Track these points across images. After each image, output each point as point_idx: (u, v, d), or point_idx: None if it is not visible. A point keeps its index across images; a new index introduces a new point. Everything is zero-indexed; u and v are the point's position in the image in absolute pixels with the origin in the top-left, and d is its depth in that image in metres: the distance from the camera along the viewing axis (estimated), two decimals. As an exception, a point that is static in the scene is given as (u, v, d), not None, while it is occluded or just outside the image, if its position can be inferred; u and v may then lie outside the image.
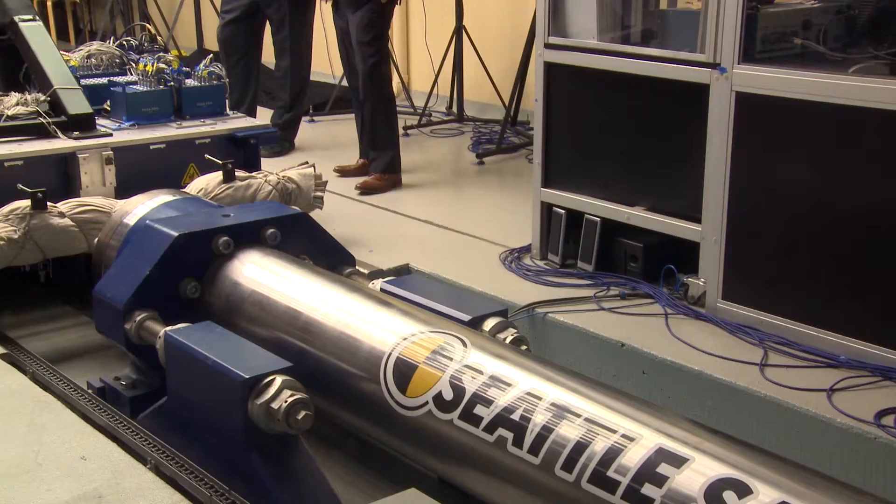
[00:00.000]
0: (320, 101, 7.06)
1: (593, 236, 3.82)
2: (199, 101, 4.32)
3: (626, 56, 3.61)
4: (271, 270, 2.70)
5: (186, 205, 3.17)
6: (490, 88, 6.57)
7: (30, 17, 4.15)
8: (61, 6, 10.49)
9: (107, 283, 2.79)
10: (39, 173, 3.71)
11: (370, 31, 5.00)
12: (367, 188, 5.14)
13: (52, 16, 10.05)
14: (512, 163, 5.80)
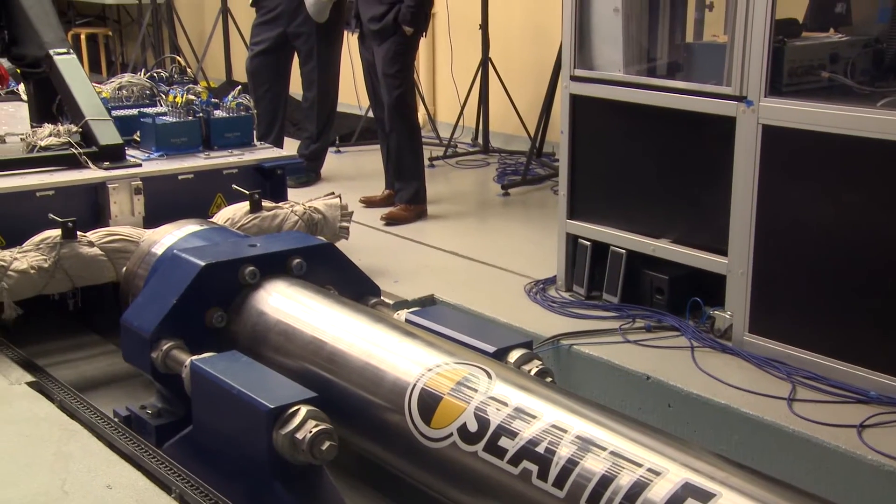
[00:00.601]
0: (346, 132, 7.11)
1: (619, 268, 3.80)
2: (227, 131, 4.37)
3: (651, 88, 3.61)
4: (297, 300, 2.71)
5: (213, 234, 3.20)
6: (515, 120, 6.60)
7: (64, 51, 4.22)
8: (94, 39, 10.66)
9: (134, 311, 2.81)
10: (70, 203, 3.76)
11: (395, 63, 5.04)
12: (393, 219, 5.16)
13: (85, 49, 10.21)
14: (537, 194, 5.81)
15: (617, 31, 3.70)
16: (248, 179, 4.17)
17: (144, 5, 9.20)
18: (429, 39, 7.18)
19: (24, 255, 3.35)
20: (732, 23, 3.28)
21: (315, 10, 5.63)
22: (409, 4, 4.90)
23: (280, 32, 5.80)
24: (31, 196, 3.70)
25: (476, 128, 6.83)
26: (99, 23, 11.10)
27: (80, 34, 10.29)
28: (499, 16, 6.61)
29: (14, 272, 3.29)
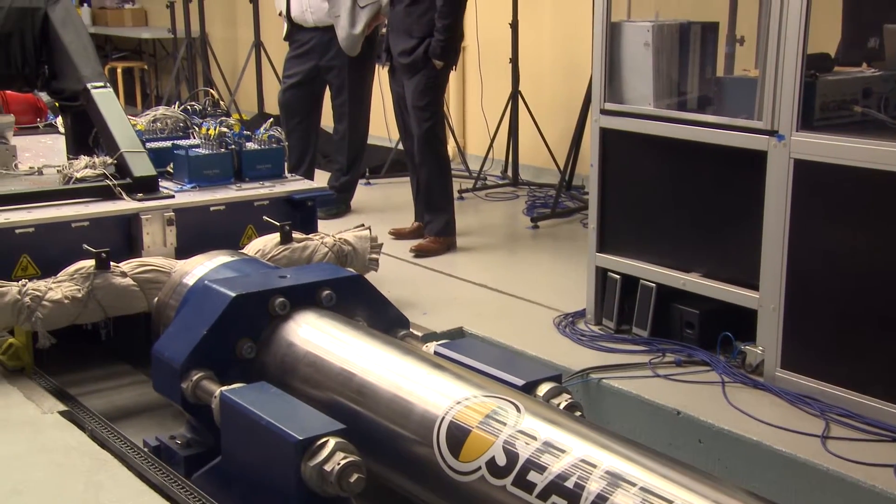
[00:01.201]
0: (377, 164, 7.15)
1: (649, 302, 3.78)
2: (258, 163, 4.41)
3: (682, 122, 3.61)
4: (326, 332, 2.72)
5: (244, 266, 3.23)
6: (545, 153, 6.61)
7: (101, 84, 4.29)
8: (130, 73, 10.85)
9: (165, 342, 2.83)
10: (104, 233, 3.80)
11: (425, 96, 5.08)
12: (422, 251, 5.17)
13: (121, 82, 10.39)
14: (567, 227, 5.80)
15: (647, 64, 3.71)
16: (279, 211, 4.20)
17: (179, 40, 9.34)
18: (459, 72, 7.23)
19: (58, 285, 3.39)
20: (763, 57, 3.28)
21: (347, 43, 5.69)
22: (438, 38, 4.95)
23: (312, 66, 5.87)
24: (66, 227, 3.75)
25: (506, 160, 6.85)
26: (135, 57, 11.30)
27: (117, 68, 10.48)
28: (529, 49, 6.65)
29: (48, 302, 3.33)
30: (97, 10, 11.38)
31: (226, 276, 3.04)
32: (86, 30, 4.63)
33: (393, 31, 5.15)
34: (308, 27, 5.83)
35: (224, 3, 9.94)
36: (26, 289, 3.32)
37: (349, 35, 5.68)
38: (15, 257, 3.64)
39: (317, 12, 5.75)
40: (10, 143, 4.69)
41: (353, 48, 5.72)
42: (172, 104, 5.04)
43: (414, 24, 5.03)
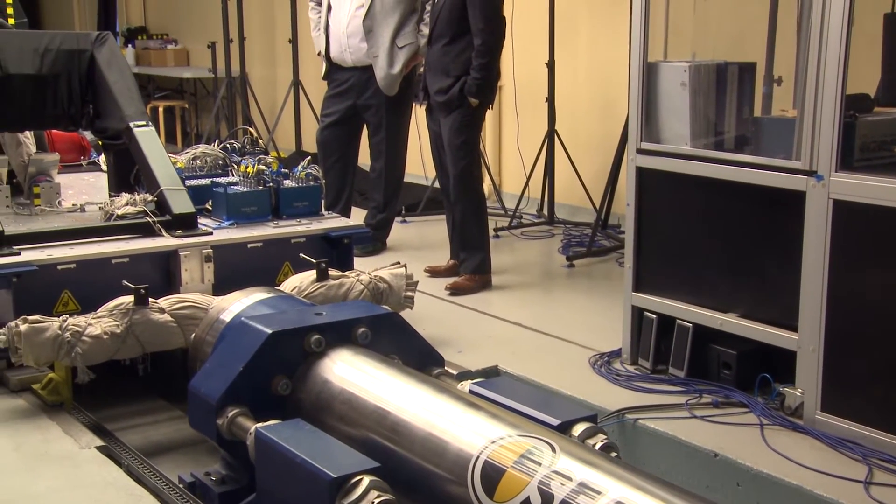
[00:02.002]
0: (413, 202, 7.19)
1: (685, 342, 3.75)
2: (296, 201, 4.45)
3: (719, 162, 3.60)
4: (361, 369, 2.72)
5: (280, 303, 3.24)
6: (581, 191, 6.61)
7: (143, 123, 4.37)
8: (171, 111, 11.04)
9: (201, 378, 2.85)
10: (144, 269, 3.85)
11: (461, 135, 5.11)
12: (458, 289, 5.17)
13: (162, 120, 10.58)
14: (602, 266, 5.78)
15: (684, 104, 3.71)
16: (316, 248, 4.23)
17: (220, 79, 9.50)
18: (495, 111, 7.27)
19: (97, 320, 3.43)
20: (802, 97, 3.26)
21: (385, 83, 5.76)
22: (475, 77, 4.99)
23: (350, 105, 5.94)
24: (106, 263, 3.81)
25: (541, 199, 6.86)
26: (176, 96, 11.50)
27: (159, 107, 10.67)
28: (565, 88, 6.68)
29: (88, 338, 3.37)
30: (141, 50, 11.62)
31: (262, 313, 3.06)
32: (129, 70, 4.73)
33: (430, 70, 5.21)
34: (347, 67, 5.90)
35: (264, 44, 10.10)
36: (67, 324, 3.36)
37: (387, 74, 5.74)
38: (57, 293, 3.70)
39: (356, 52, 5.82)
40: (54, 181, 4.79)
41: (391, 87, 5.78)
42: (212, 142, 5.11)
43: (451, 63, 5.08)
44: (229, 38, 9.23)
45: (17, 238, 3.85)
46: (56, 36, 4.59)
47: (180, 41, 11.75)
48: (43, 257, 3.73)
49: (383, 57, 5.71)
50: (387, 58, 5.71)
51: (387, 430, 2.49)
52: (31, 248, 3.80)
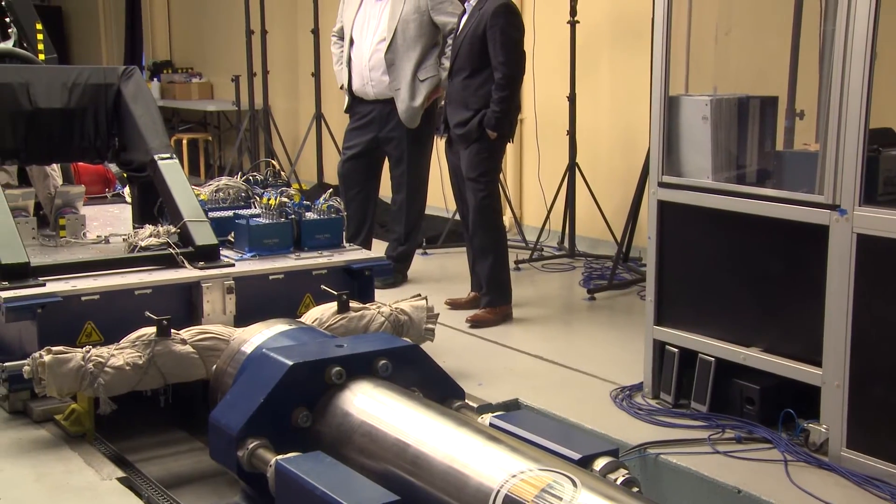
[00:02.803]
0: (433, 235, 7.20)
1: (707, 376, 3.72)
2: (317, 233, 4.47)
3: (741, 196, 3.59)
4: (382, 402, 2.72)
5: (301, 334, 3.25)
6: (602, 224, 6.61)
7: (168, 156, 4.41)
8: (195, 144, 11.15)
9: (222, 409, 2.85)
10: (166, 301, 3.88)
11: (480, 167, 5.13)
12: (478, 321, 5.17)
13: (185, 152, 10.68)
14: (624, 299, 5.76)
15: (705, 138, 3.71)
16: (337, 280, 4.24)
17: (243, 112, 9.60)
18: (516, 144, 7.29)
19: (120, 351, 3.45)
20: (825, 131, 3.26)
21: (407, 116, 5.80)
22: (494, 110, 5.01)
23: (372, 137, 5.98)
24: (129, 294, 3.84)
25: (562, 231, 6.86)
26: (200, 128, 11.62)
27: (183, 139, 10.78)
28: (586, 121, 6.69)
29: (111, 368, 3.38)
30: (166, 84, 11.76)
31: (283, 345, 3.07)
32: (155, 103, 4.80)
33: (450, 103, 5.24)
34: (369, 100, 5.95)
35: (287, 77, 10.21)
36: (90, 355, 3.38)
37: (409, 108, 5.78)
38: (80, 324, 3.73)
39: (377, 86, 5.87)
40: (79, 213, 4.85)
41: (412, 120, 5.82)
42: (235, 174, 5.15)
43: (471, 96, 5.11)
44: (253, 72, 9.34)
45: (43, 269, 3.89)
46: (84, 70, 4.67)
47: (205, 75, 11.89)
48: (67, 288, 3.76)
49: (405, 90, 5.75)
50: (409, 91, 5.76)
51: (407, 463, 2.49)
52: (56, 279, 3.84)
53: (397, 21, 5.71)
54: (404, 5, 5.71)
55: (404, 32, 5.73)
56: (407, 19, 5.71)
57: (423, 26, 5.72)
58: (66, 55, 13.84)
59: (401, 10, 5.71)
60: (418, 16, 5.71)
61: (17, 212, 4.45)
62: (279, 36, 9.80)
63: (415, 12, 5.70)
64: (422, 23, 5.72)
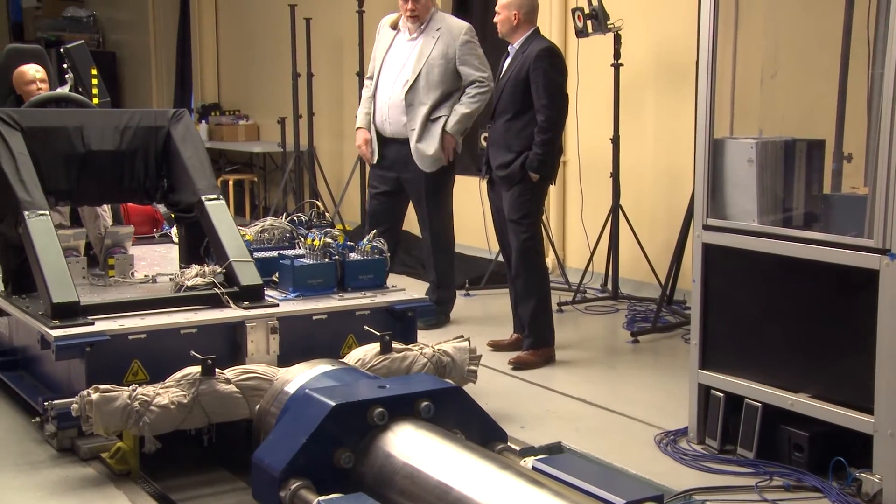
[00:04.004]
0: (476, 276, 7.20)
1: (754, 422, 3.66)
2: (361, 273, 4.49)
3: (788, 239, 3.55)
4: (424, 444, 2.71)
5: (344, 375, 3.26)
6: (645, 266, 6.56)
7: (214, 197, 4.47)
8: (241, 184, 11.30)
9: (265, 449, 2.86)
10: (211, 340, 3.91)
11: (522, 209, 5.14)
12: (521, 363, 5.14)
13: (232, 193, 10.83)
14: (668, 342, 5.70)
15: (751, 181, 3.69)
16: (380, 321, 4.25)
17: (288, 153, 9.73)
18: (559, 185, 7.30)
19: (165, 390, 3.48)
20: (873, 174, 3.22)
21: (418, 156, 5.79)
22: (536, 152, 5.03)
23: (395, 178, 6.00)
24: (175, 333, 3.88)
25: (605, 273, 6.82)
26: (246, 169, 11.78)
27: (229, 180, 10.93)
28: (630, 163, 6.68)
29: (156, 407, 3.41)
30: (214, 125, 11.97)
31: (326, 385, 3.08)
32: (203, 145, 4.87)
33: (492, 145, 5.26)
34: (387, 137, 5.93)
35: (331, 118, 10.34)
36: (136, 394, 3.41)
37: (416, 148, 5.79)
38: (127, 362, 3.77)
39: (394, 124, 5.87)
40: (128, 253, 4.92)
41: (423, 162, 5.80)
42: (280, 215, 5.20)
43: (513, 138, 5.13)
44: (298, 114, 9.47)
45: (92, 308, 3.95)
46: (136, 114, 4.76)
47: (252, 117, 12.08)
48: (115, 327, 3.81)
49: (418, 131, 5.78)
50: (420, 132, 5.77)
51: (449, 507, 2.47)
52: (105, 317, 3.90)
53: (423, 63, 5.76)
54: (433, 49, 5.76)
55: (428, 75, 5.76)
56: (433, 63, 5.75)
57: (448, 73, 5.76)
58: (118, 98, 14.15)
59: (429, 53, 5.76)
60: (444, 62, 5.74)
61: (68, 251, 4.53)
62: (325, 78, 9.94)
63: (441, 57, 5.74)
64: (447, 69, 5.75)
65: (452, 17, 6.14)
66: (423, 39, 5.80)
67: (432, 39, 5.77)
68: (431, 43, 5.77)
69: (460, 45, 5.74)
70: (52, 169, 4.47)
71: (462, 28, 5.82)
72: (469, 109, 5.76)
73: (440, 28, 5.79)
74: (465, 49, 5.75)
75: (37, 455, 3.85)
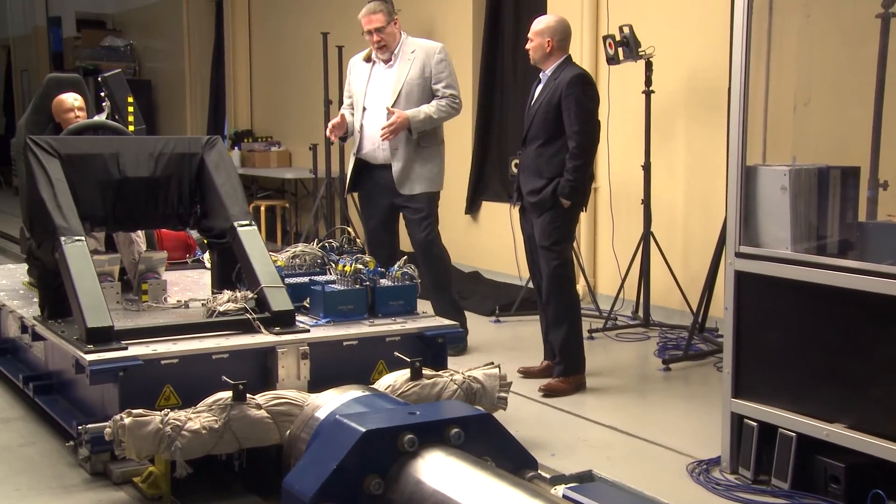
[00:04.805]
0: (507, 302, 7.20)
1: (788, 452, 3.61)
2: (391, 300, 4.51)
3: (822, 267, 3.51)
4: (454, 471, 2.70)
5: (375, 401, 3.26)
6: (677, 294, 6.52)
7: (247, 223, 4.52)
8: (272, 210, 11.38)
9: (295, 475, 2.86)
10: (242, 365, 3.94)
11: (553, 235, 5.13)
12: (551, 390, 5.11)
13: (263, 219, 10.90)
14: (700, 370, 5.65)
15: (784, 208, 3.66)
16: (410, 347, 4.26)
17: (320, 179, 9.79)
18: (590, 212, 7.29)
19: (197, 415, 3.50)
20: (908, 201, 3.19)
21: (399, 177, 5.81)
22: (568, 178, 5.03)
23: (388, 203, 6.00)
24: (207, 358, 3.91)
25: (637, 300, 6.78)
26: (278, 196, 11.87)
27: (261, 206, 11.02)
28: (661, 190, 6.66)
29: (187, 432, 3.43)
30: (246, 152, 12.09)
31: (356, 411, 3.08)
32: (235, 172, 4.93)
33: (523, 172, 5.27)
34: (377, 164, 5.93)
35: (363, 146, 10.39)
36: (168, 418, 3.43)
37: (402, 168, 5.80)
38: (159, 387, 3.81)
39: (388, 149, 5.86)
40: (161, 278, 4.97)
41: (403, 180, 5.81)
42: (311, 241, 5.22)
43: (544, 164, 5.13)
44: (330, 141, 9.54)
45: (126, 333, 3.99)
46: (170, 141, 4.83)
47: (284, 143, 12.19)
48: (148, 352, 3.85)
49: (401, 148, 5.80)
50: (404, 149, 5.79)
51: (479, 535, 2.45)
52: (138, 342, 3.93)
53: (402, 83, 5.85)
54: (410, 70, 5.86)
55: (409, 95, 5.84)
56: (412, 83, 5.85)
57: (426, 91, 5.88)
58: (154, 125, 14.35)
59: (406, 74, 5.86)
60: (422, 80, 5.86)
61: (103, 276, 4.58)
62: (356, 106, 10.00)
63: (419, 77, 5.86)
64: (425, 87, 5.87)
65: (425, 39, 6.22)
66: (399, 64, 5.92)
67: (408, 62, 5.89)
68: (408, 65, 5.89)
69: (436, 63, 5.89)
70: (89, 195, 4.54)
71: (436, 48, 5.97)
72: (436, 115, 5.84)
73: (414, 51, 5.91)
74: (440, 67, 5.90)
75: (70, 479, 3.88)
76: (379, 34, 5.87)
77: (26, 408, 4.77)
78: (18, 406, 4.83)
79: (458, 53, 8.36)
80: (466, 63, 8.59)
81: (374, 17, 5.86)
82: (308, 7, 11.28)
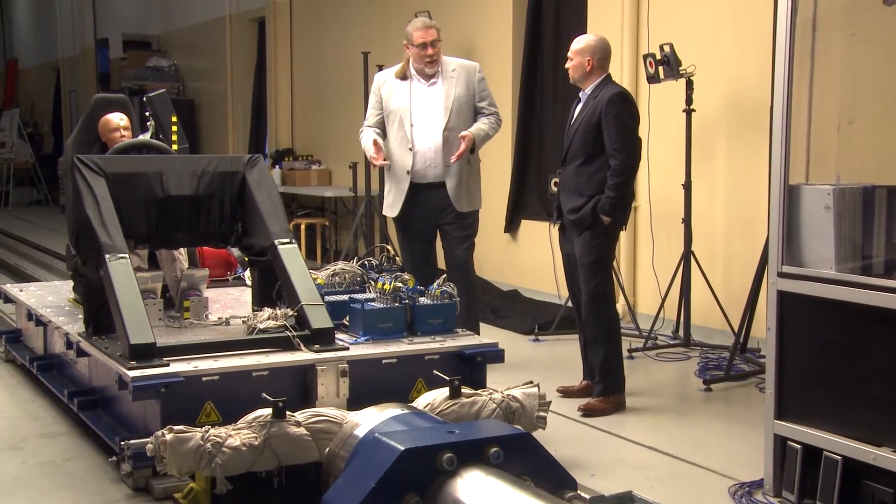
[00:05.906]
0: (546, 321, 7.17)
1: (834, 476, 3.54)
2: (430, 318, 4.51)
3: (867, 287, 3.46)
4: (493, 490, 2.69)
5: (413, 419, 3.26)
6: (718, 313, 6.45)
7: (287, 241, 4.55)
8: (312, 228, 11.46)
9: (334, 493, 2.87)
10: (282, 383, 3.96)
11: (593, 253, 5.11)
12: (590, 410, 5.08)
13: (303, 237, 10.98)
14: (741, 391, 5.58)
15: (828, 228, 3.62)
16: (449, 365, 4.26)
17: (360, 198, 9.85)
18: (630, 231, 7.24)
19: (237, 432, 3.52)
20: (955, 221, 3.14)
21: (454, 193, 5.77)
22: (609, 195, 5.01)
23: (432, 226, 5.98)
24: (247, 376, 3.94)
25: (677, 320, 6.72)
26: (318, 214, 11.96)
27: (301, 224, 11.10)
28: (702, 209, 6.61)
29: (228, 449, 3.45)
30: (287, 170, 12.19)
31: (395, 430, 3.08)
32: (276, 190, 4.98)
33: (563, 190, 5.26)
34: (424, 183, 5.86)
35: (403, 164, 10.44)
36: (208, 435, 3.46)
37: (456, 185, 5.76)
38: (200, 404, 3.84)
39: (439, 167, 5.82)
40: (203, 295, 5.03)
41: (458, 197, 5.78)
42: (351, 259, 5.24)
43: (585, 183, 5.12)
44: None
45: (167, 350, 4.04)
46: (213, 159, 4.89)
47: (324, 162, 12.28)
48: (189, 369, 3.89)
49: (455, 166, 5.76)
50: (458, 167, 5.75)
51: (518, 556, 2.44)
52: (180, 359, 3.98)
53: (452, 101, 5.84)
54: (456, 88, 5.85)
55: (459, 112, 5.83)
56: (461, 100, 5.84)
57: (472, 108, 5.88)
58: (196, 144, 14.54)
59: (454, 93, 5.85)
60: (468, 98, 5.86)
61: (146, 294, 4.64)
62: (396, 125, 10.06)
63: (466, 94, 5.86)
64: (471, 105, 5.87)
65: (458, 58, 6.18)
66: (444, 82, 5.88)
67: (452, 80, 5.87)
68: (453, 83, 5.87)
69: (478, 81, 5.91)
70: (133, 213, 4.61)
71: (475, 66, 5.99)
72: (492, 133, 5.87)
73: (454, 69, 5.90)
74: (482, 85, 5.93)
75: (113, 494, 3.92)
76: (434, 48, 5.89)
77: (71, 423, 4.84)
78: (64, 421, 4.90)
79: (497, 72, 8.39)
80: (506, 82, 8.60)
81: (431, 30, 5.85)
82: (349, 27, 11.38)
